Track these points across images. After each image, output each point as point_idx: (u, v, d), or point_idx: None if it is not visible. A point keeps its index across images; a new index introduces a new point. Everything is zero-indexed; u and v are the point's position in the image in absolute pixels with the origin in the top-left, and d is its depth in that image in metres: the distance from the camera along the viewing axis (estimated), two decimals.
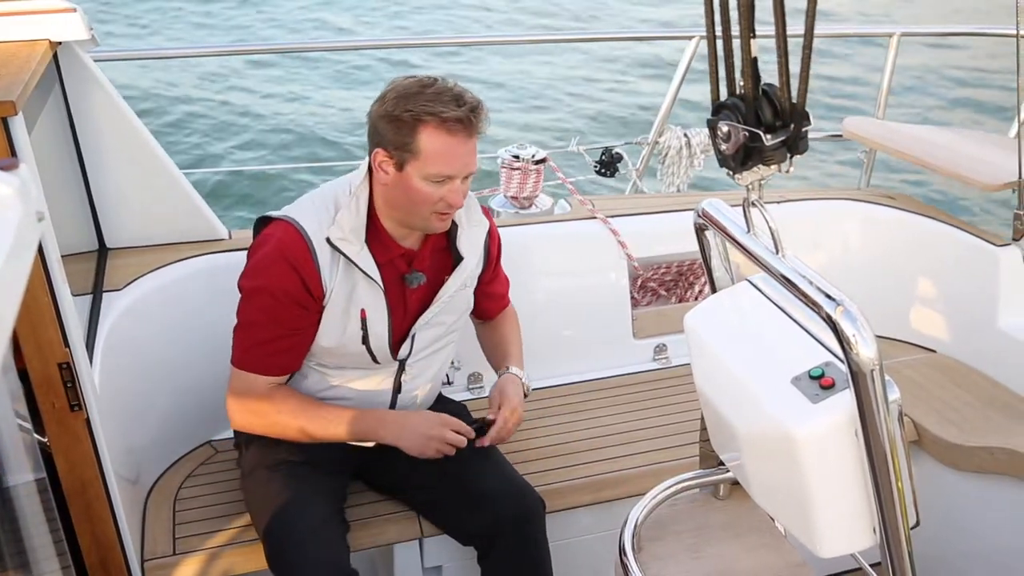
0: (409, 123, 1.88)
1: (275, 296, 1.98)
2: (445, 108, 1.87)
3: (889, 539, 1.28)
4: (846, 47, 10.05)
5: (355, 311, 2.03)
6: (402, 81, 1.94)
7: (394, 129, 1.90)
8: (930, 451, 2.55)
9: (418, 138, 1.89)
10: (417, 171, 1.91)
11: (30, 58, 1.83)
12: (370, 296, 2.03)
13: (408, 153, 1.90)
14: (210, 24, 11.96)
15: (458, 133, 1.89)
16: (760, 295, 1.50)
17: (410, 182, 1.93)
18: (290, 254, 1.96)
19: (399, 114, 1.88)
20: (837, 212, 3.10)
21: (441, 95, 1.89)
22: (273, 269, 1.97)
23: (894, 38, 3.41)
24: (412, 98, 1.88)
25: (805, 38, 1.21)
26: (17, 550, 1.11)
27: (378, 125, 1.94)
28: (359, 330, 2.04)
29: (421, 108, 1.87)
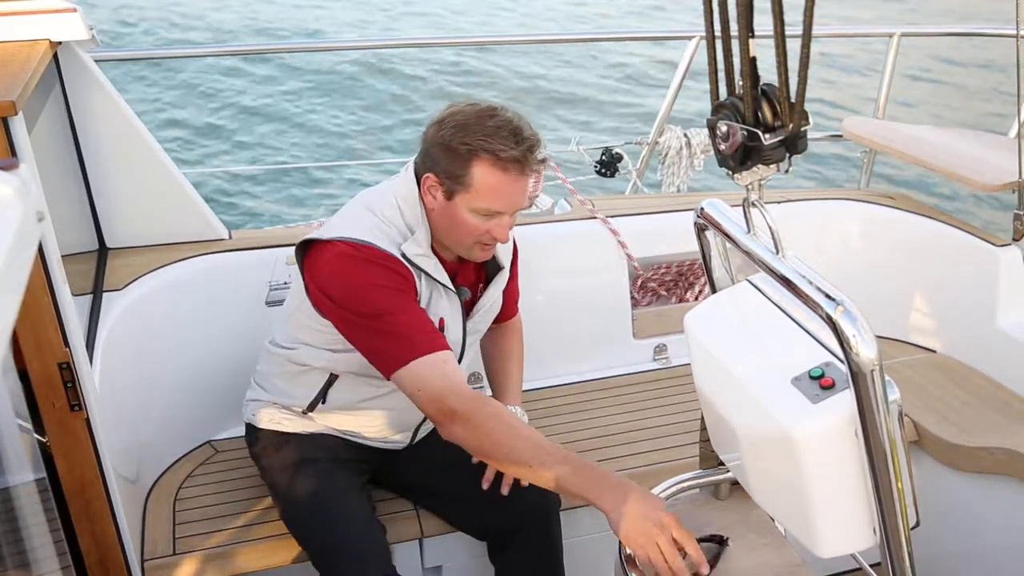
0: (464, 155, 1.86)
1: (379, 284, 1.87)
2: (503, 145, 1.84)
3: (889, 539, 1.28)
4: (846, 47, 10.05)
5: (435, 320, 2.00)
6: (462, 108, 1.90)
7: (448, 158, 1.88)
8: (930, 451, 2.55)
9: (471, 171, 1.86)
10: (466, 203, 1.90)
11: (30, 58, 1.83)
12: (448, 306, 2.03)
13: (459, 185, 1.88)
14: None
15: (512, 171, 1.87)
16: (760, 295, 1.50)
17: (457, 212, 1.91)
18: (378, 262, 1.89)
19: (455, 145, 1.86)
20: (837, 212, 3.10)
21: (500, 129, 1.85)
22: (370, 277, 1.88)
23: (894, 38, 3.41)
24: (470, 129, 1.85)
25: (803, 38, 1.21)
26: (17, 550, 1.11)
27: (432, 151, 1.91)
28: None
29: (479, 143, 1.84)
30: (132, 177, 2.46)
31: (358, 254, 1.89)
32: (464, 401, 1.80)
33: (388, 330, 1.87)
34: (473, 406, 1.80)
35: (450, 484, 2.18)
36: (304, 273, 1.99)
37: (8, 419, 1.09)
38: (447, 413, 1.81)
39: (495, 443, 1.78)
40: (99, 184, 2.45)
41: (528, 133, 1.88)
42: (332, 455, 2.14)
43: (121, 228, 2.53)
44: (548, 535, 2.15)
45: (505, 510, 2.11)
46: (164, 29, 11.50)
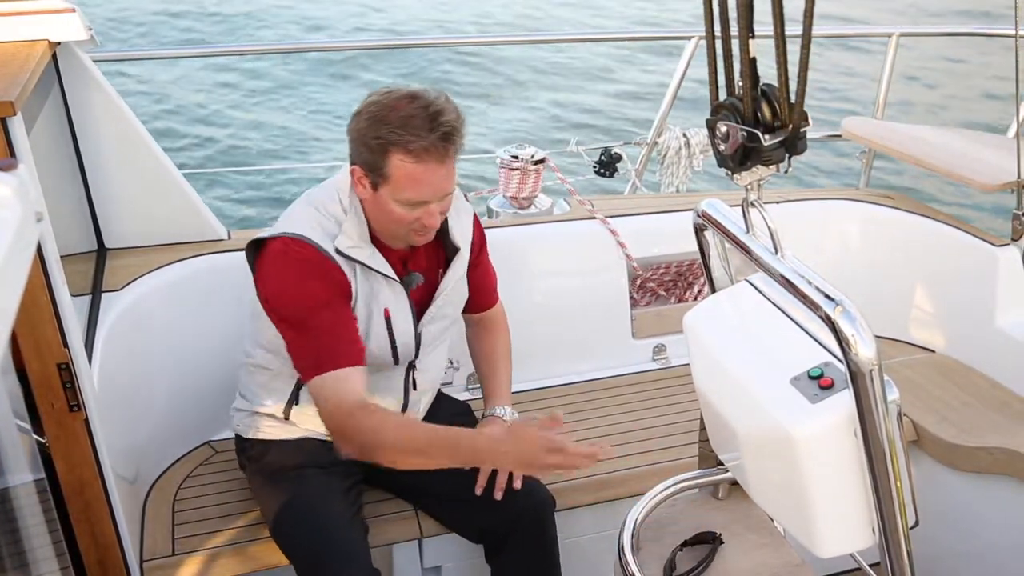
0: (378, 150, 1.84)
1: (307, 290, 1.91)
2: (414, 137, 1.81)
3: (888, 539, 1.28)
4: (845, 47, 10.06)
5: (379, 312, 2.01)
6: (378, 98, 1.87)
7: (366, 152, 1.87)
8: (929, 451, 2.55)
9: (388, 164, 1.85)
10: (390, 195, 1.89)
11: (29, 58, 1.83)
12: (391, 296, 2.02)
13: (380, 177, 1.88)
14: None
15: (429, 160, 1.84)
16: (759, 295, 1.50)
17: (384, 203, 1.91)
18: (309, 261, 1.92)
19: (369, 140, 1.85)
20: (836, 212, 3.10)
21: (412, 119, 1.82)
22: (297, 277, 1.92)
23: (893, 38, 3.41)
24: (382, 123, 1.83)
25: (803, 38, 1.21)
26: (16, 550, 1.11)
27: (354, 144, 1.91)
28: (385, 330, 2.03)
29: (389, 135, 1.82)
30: (131, 177, 2.46)
31: (290, 252, 1.92)
32: (344, 422, 1.88)
33: (302, 340, 1.93)
34: (354, 426, 1.87)
35: (442, 487, 2.17)
36: (253, 273, 2.02)
37: (7, 420, 1.09)
38: (334, 432, 1.91)
39: (380, 454, 1.88)
40: (98, 184, 2.45)
41: (446, 118, 1.83)
42: (315, 460, 2.12)
43: (120, 228, 2.53)
44: (543, 536, 2.15)
45: (498, 512, 2.10)
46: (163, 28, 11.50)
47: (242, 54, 8.88)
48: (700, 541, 1.76)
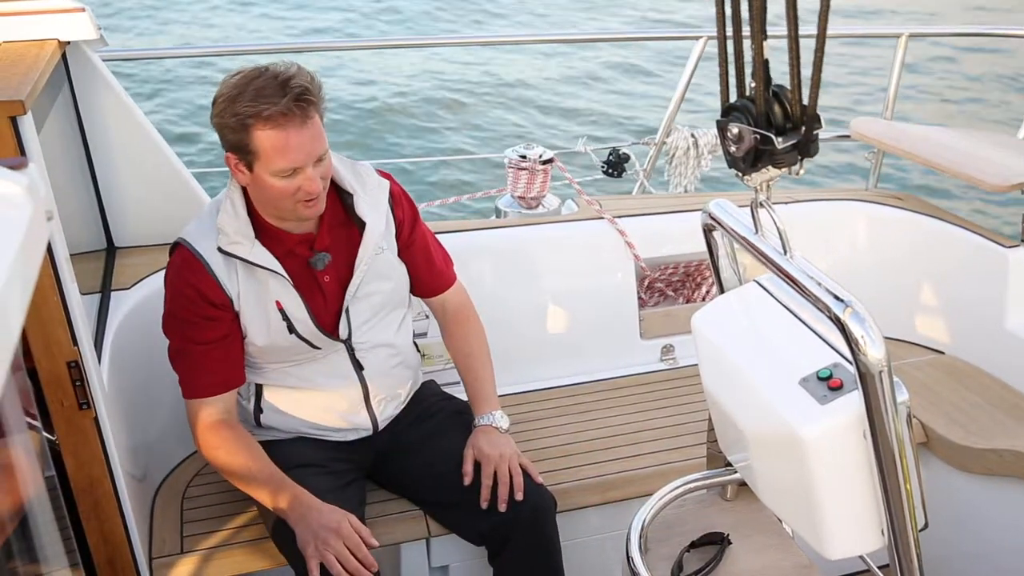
0: (239, 128, 1.85)
1: (177, 315, 2.02)
2: (267, 104, 1.82)
3: (897, 541, 1.28)
4: (853, 47, 10.03)
5: (271, 305, 2.03)
6: (229, 80, 1.89)
7: (230, 133, 1.87)
8: (938, 453, 2.54)
9: (253, 140, 1.85)
10: (264, 169, 1.89)
11: (39, 58, 1.83)
12: (280, 287, 2.03)
13: (250, 155, 1.88)
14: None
15: (289, 125, 1.84)
16: (768, 296, 1.49)
17: (263, 181, 1.91)
18: (184, 272, 1.99)
19: (228, 120, 1.86)
20: (845, 213, 3.09)
21: (264, 89, 1.83)
22: (171, 291, 2.03)
23: (902, 38, 3.40)
24: (236, 100, 1.84)
25: (817, 40, 1.21)
26: (27, 547, 1.11)
27: (218, 132, 1.92)
28: (281, 321, 2.04)
29: (244, 110, 1.83)
30: (140, 176, 2.47)
31: (173, 263, 2.03)
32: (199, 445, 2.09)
33: (174, 361, 2.08)
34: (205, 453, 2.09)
35: (442, 491, 2.18)
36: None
37: (18, 417, 1.09)
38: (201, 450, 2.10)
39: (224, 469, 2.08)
40: (107, 183, 2.45)
41: (295, 83, 1.84)
42: (312, 459, 2.13)
43: (129, 227, 2.54)
44: (543, 537, 2.13)
45: (496, 515, 2.09)
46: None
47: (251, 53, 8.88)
48: (708, 542, 1.76)
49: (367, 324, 2.14)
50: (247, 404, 2.18)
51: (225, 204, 2.00)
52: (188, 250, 2.00)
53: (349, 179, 2.08)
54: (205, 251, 1.99)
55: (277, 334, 2.05)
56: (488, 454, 2.12)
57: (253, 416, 2.17)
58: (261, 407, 2.17)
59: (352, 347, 2.13)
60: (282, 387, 2.15)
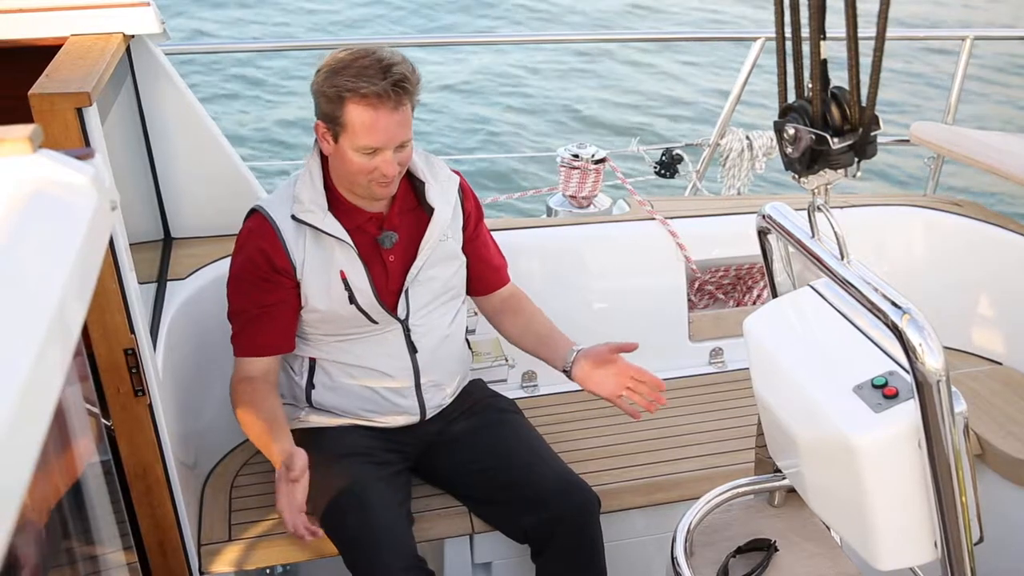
0: (335, 99, 1.94)
1: (242, 277, 2.10)
2: (367, 83, 1.91)
3: (951, 554, 1.25)
4: (916, 49, 9.83)
5: (335, 274, 2.09)
6: (336, 54, 1.98)
7: (325, 103, 1.97)
8: (993, 466, 2.49)
9: (345, 113, 1.94)
10: (348, 143, 1.97)
11: (105, 51, 1.87)
12: (345, 258, 2.09)
13: (339, 127, 1.96)
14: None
15: (381, 107, 1.92)
16: (822, 301, 1.47)
17: (345, 154, 1.99)
18: (254, 236, 2.08)
19: (326, 90, 1.95)
20: (902, 218, 3.04)
21: (367, 69, 1.92)
22: (239, 255, 2.11)
23: (967, 41, 3.32)
24: (339, 73, 1.93)
25: (876, 41, 1.19)
26: (84, 528, 1.14)
27: (315, 99, 2.01)
28: (343, 291, 2.09)
29: (344, 83, 1.92)
30: (198, 169, 2.51)
31: (246, 227, 2.12)
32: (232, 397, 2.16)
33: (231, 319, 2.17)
34: (233, 402, 2.16)
35: (486, 488, 2.19)
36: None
37: (77, 402, 1.12)
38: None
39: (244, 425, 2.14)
40: (166, 175, 2.50)
41: (397, 69, 1.93)
42: (359, 448, 2.16)
43: (186, 218, 2.58)
44: (586, 537, 2.13)
45: (541, 512, 2.10)
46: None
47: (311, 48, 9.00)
48: (754, 548, 1.74)
49: (425, 308, 2.18)
50: (299, 380, 2.22)
51: (303, 174, 2.09)
52: (262, 215, 2.09)
53: (423, 168, 2.16)
54: (278, 217, 2.07)
55: (337, 302, 2.10)
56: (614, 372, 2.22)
57: (304, 393, 2.21)
58: (313, 383, 2.20)
59: (408, 328, 2.17)
60: (336, 363, 2.18)
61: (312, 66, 2.04)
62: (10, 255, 0.71)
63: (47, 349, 0.66)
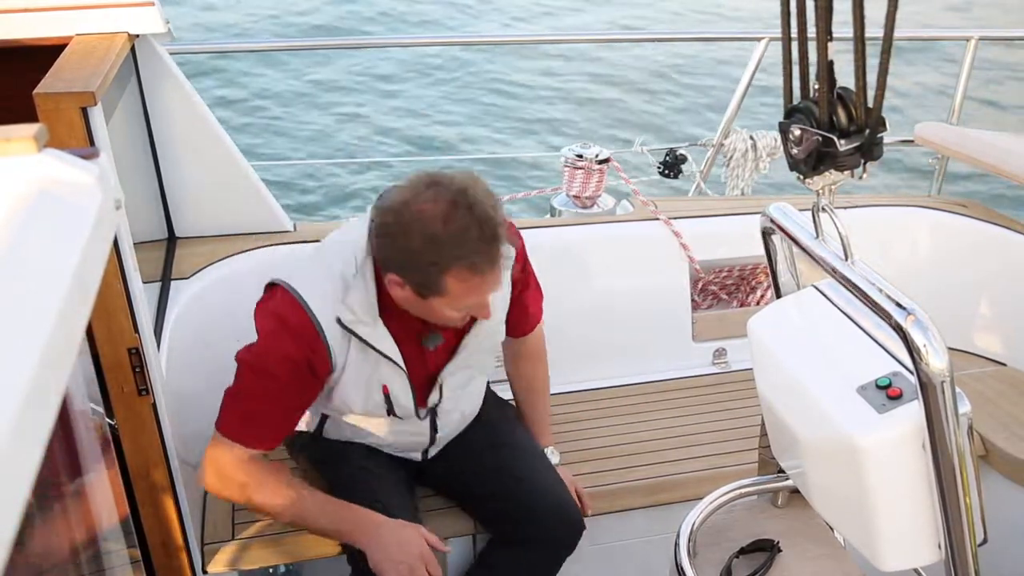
0: (435, 274, 1.73)
1: (270, 374, 1.86)
2: (475, 253, 1.71)
3: (955, 555, 1.25)
4: (920, 49, 9.82)
5: (376, 386, 1.95)
6: (414, 204, 1.72)
7: (417, 273, 1.75)
8: (998, 467, 2.48)
9: (445, 284, 1.74)
10: (443, 305, 1.79)
11: (110, 50, 1.88)
12: (392, 373, 1.94)
13: (432, 292, 1.77)
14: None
15: (488, 271, 1.75)
16: (826, 302, 1.47)
17: (433, 308, 1.81)
18: (297, 339, 1.84)
19: (424, 265, 1.73)
20: (907, 219, 3.03)
21: (467, 232, 1.69)
22: (274, 346, 1.85)
23: (971, 42, 3.32)
24: (435, 243, 1.70)
25: (884, 42, 1.18)
26: (87, 527, 1.14)
27: (395, 257, 1.77)
28: (383, 403, 1.98)
29: (447, 258, 1.71)
30: (202, 168, 2.51)
31: (279, 306, 1.85)
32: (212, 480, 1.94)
33: (236, 388, 1.91)
34: (220, 488, 1.95)
35: (480, 490, 2.17)
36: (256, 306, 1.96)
37: (82, 402, 1.12)
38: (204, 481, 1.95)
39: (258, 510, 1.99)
40: (170, 175, 2.50)
41: (496, 219, 1.73)
42: (362, 455, 2.12)
43: (190, 218, 2.59)
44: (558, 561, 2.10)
45: (531, 531, 2.07)
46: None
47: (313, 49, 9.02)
48: (757, 548, 1.74)
49: (455, 392, 2.08)
50: (306, 428, 2.16)
51: (358, 283, 1.84)
52: (306, 315, 1.83)
53: None
54: (324, 320, 1.84)
55: (373, 411, 2.00)
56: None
57: (316, 425, 2.15)
58: (323, 428, 2.14)
59: (436, 415, 2.10)
60: (342, 427, 2.10)
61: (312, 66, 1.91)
62: (15, 254, 0.71)
63: (51, 348, 0.67)
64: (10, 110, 1.32)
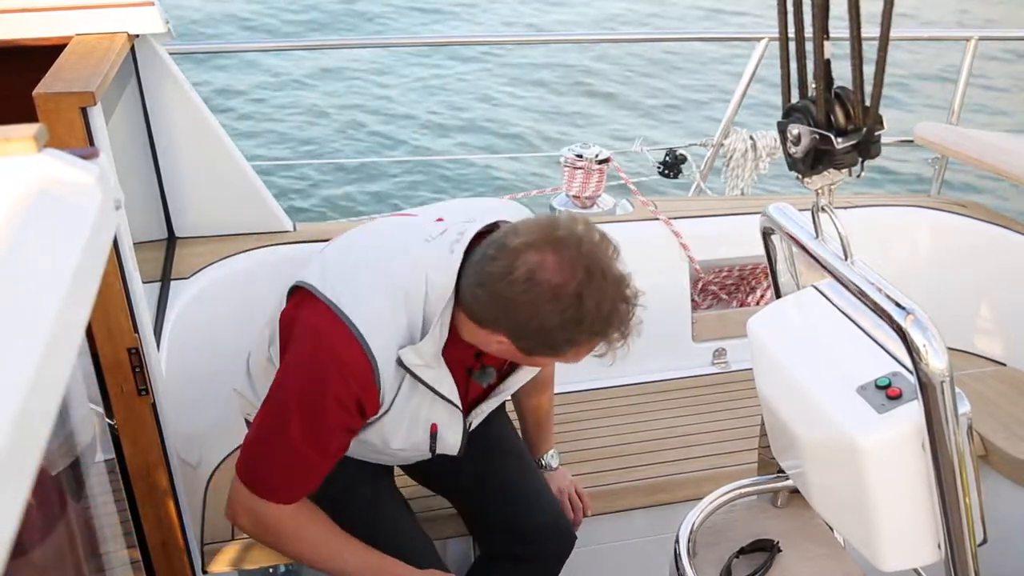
0: (565, 344, 1.60)
1: (322, 418, 1.63)
2: (614, 330, 1.59)
3: (955, 556, 1.25)
4: (919, 49, 9.82)
5: (423, 424, 1.76)
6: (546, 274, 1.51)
7: (541, 342, 1.59)
8: (997, 467, 2.48)
9: (566, 353, 1.63)
10: (542, 362, 1.76)
11: (109, 50, 1.88)
12: (445, 415, 1.78)
13: (546, 350, 1.63)
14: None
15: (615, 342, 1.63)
16: (826, 302, 1.47)
17: (532, 362, 1.75)
18: (348, 377, 1.61)
19: (556, 340, 1.58)
20: (906, 219, 3.04)
21: (615, 311, 1.57)
22: (323, 386, 1.61)
23: (971, 42, 3.32)
24: (578, 323, 1.55)
25: (880, 41, 1.19)
26: (87, 528, 1.14)
27: (510, 325, 1.57)
28: (427, 441, 1.79)
29: (585, 335, 1.58)
30: (202, 168, 2.51)
31: (330, 342, 1.61)
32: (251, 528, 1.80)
33: (265, 434, 1.70)
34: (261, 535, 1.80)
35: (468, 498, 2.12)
36: (284, 315, 1.77)
37: (81, 402, 1.12)
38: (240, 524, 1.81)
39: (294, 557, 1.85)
40: (170, 175, 2.50)
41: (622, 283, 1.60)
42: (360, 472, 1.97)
43: (190, 218, 2.59)
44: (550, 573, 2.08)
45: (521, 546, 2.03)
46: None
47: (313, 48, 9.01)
48: (757, 548, 1.74)
49: (484, 414, 1.93)
50: None
51: (435, 330, 1.63)
52: (363, 353, 1.60)
53: None
54: (381, 357, 1.61)
55: (413, 448, 1.80)
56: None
57: None
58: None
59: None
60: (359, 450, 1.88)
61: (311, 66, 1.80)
62: (14, 254, 0.71)
63: (51, 348, 0.67)
64: (10, 110, 1.32)
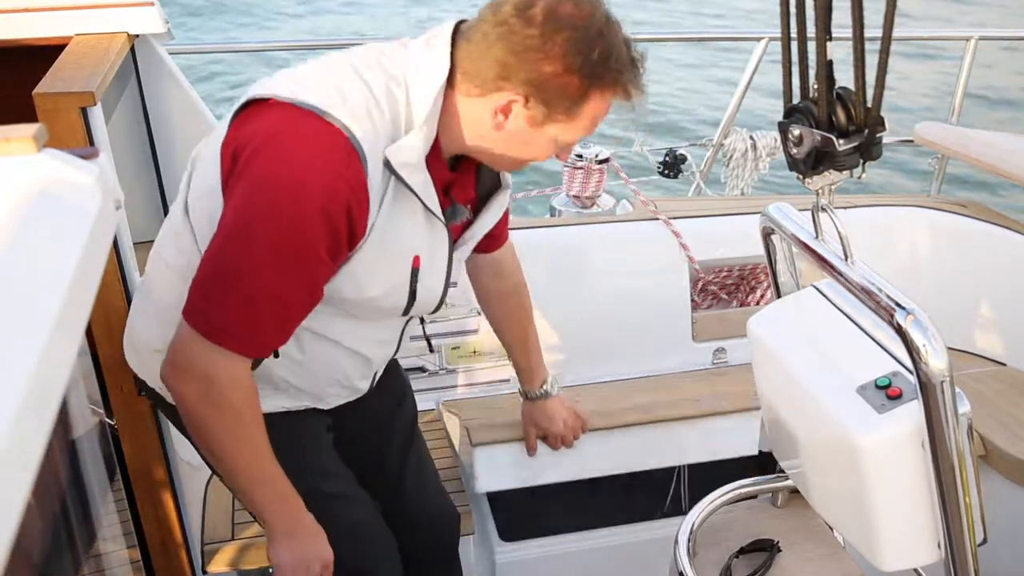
0: (584, 86, 1.36)
1: (302, 246, 1.33)
2: (625, 73, 1.37)
3: (955, 555, 1.25)
4: (919, 49, 9.82)
5: (405, 256, 1.48)
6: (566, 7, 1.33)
7: (557, 86, 1.35)
8: (997, 467, 2.48)
9: (585, 104, 1.38)
10: (558, 133, 1.42)
11: (109, 50, 1.88)
12: (427, 236, 1.49)
13: (560, 114, 1.39)
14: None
15: (634, 95, 1.42)
16: (826, 302, 1.48)
17: (536, 140, 1.43)
18: (332, 173, 1.32)
19: (573, 72, 1.34)
20: (907, 219, 3.03)
21: (615, 50, 1.36)
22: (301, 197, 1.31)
23: (971, 42, 3.32)
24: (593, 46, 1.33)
25: (882, 42, 1.19)
26: (87, 528, 1.14)
27: (525, 69, 1.34)
28: (407, 284, 1.50)
29: (610, 71, 1.36)
30: None
31: (313, 137, 1.33)
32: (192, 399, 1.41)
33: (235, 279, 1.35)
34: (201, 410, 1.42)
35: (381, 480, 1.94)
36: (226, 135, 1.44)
37: (81, 402, 1.12)
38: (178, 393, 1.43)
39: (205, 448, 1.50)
40: (169, 175, 2.50)
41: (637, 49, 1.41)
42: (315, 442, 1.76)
43: None
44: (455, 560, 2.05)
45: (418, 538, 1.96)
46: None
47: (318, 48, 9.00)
48: (757, 548, 1.74)
49: (459, 261, 1.67)
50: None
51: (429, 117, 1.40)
52: (347, 138, 1.33)
53: None
54: (371, 155, 1.35)
55: (389, 293, 1.51)
56: (552, 431, 2.22)
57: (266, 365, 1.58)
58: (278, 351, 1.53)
59: (424, 320, 1.75)
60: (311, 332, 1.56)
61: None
62: (14, 254, 0.71)
63: (51, 348, 0.67)
64: (10, 110, 1.32)
